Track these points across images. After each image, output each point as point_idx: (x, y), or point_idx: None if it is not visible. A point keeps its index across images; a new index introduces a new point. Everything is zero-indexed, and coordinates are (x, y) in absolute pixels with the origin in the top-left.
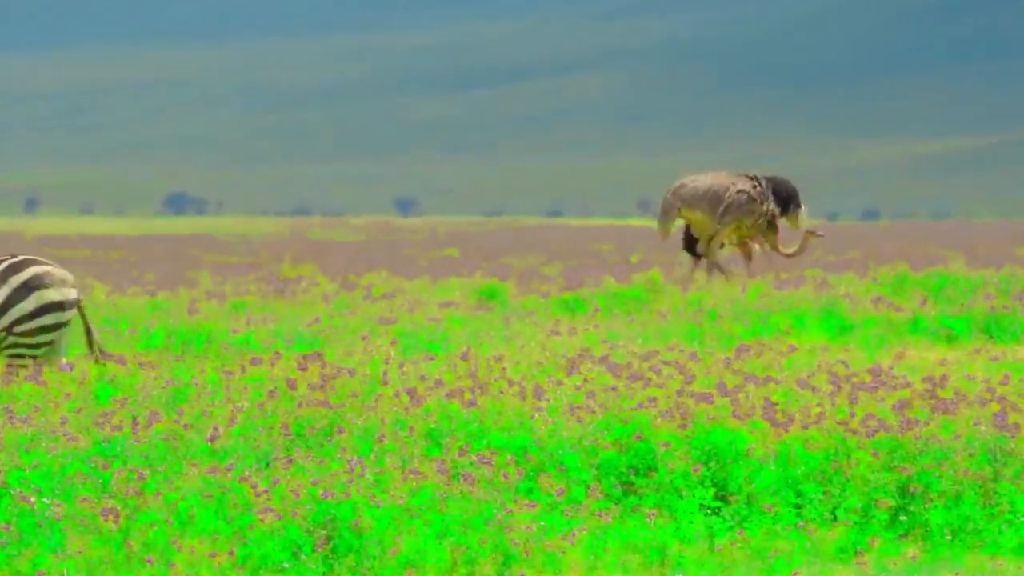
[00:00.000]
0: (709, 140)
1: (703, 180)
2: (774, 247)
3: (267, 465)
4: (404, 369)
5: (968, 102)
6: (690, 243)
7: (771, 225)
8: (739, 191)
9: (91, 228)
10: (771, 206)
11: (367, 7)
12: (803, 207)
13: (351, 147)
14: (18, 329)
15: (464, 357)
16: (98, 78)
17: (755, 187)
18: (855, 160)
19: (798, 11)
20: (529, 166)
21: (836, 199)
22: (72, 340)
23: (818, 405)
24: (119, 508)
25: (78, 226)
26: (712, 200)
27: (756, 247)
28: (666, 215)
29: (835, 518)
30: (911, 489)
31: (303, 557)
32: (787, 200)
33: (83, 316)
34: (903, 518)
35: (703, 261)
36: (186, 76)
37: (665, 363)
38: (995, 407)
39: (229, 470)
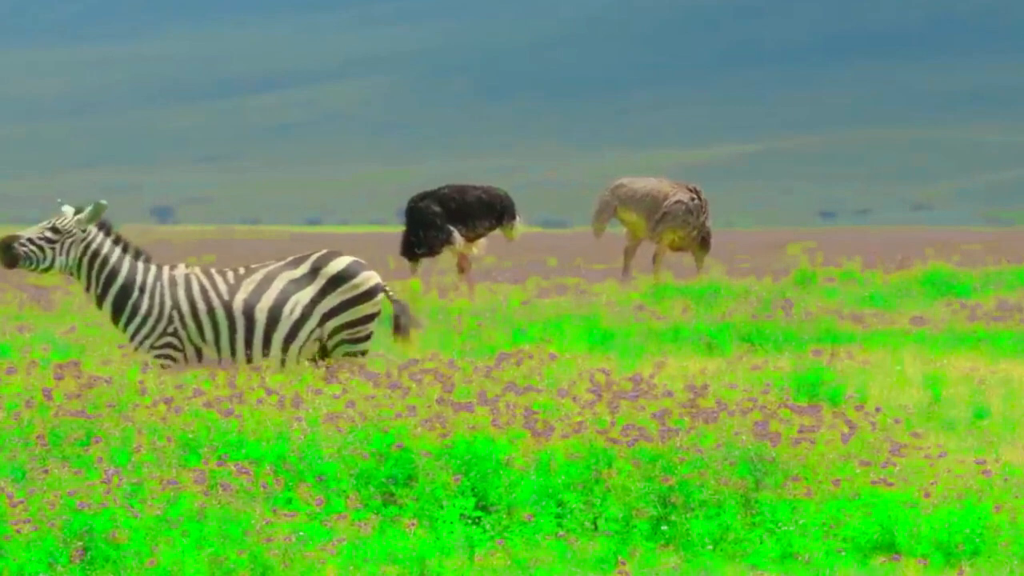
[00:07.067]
0: (467, 149)
1: (642, 183)
2: (699, 263)
3: (23, 476)
4: (162, 378)
5: (729, 112)
6: (408, 249)
7: (704, 241)
8: (677, 201)
9: None
10: (707, 221)
11: (116, 17)
12: (517, 218)
13: (105, 157)
14: None
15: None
16: None
17: (693, 199)
18: (616, 170)
19: (556, 22)
20: (286, 174)
21: None
22: None
23: (579, 414)
24: None
25: None
26: (650, 205)
27: (475, 252)
28: (602, 213)
29: (596, 528)
30: (672, 499)
31: (59, 568)
32: (502, 212)
33: None
34: (664, 528)
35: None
36: None
37: (425, 371)
38: (756, 416)
39: None
